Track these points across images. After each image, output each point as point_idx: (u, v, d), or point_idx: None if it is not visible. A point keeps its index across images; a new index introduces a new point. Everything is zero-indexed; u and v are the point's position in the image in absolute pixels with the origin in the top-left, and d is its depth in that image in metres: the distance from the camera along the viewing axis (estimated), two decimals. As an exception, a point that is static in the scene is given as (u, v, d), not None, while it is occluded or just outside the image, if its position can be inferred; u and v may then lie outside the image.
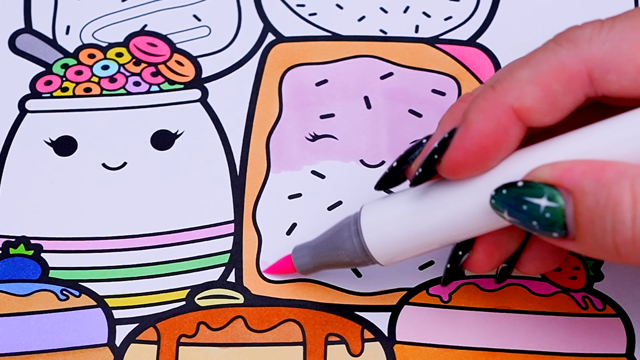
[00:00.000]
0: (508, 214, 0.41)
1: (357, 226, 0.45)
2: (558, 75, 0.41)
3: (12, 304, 0.49)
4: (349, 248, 0.45)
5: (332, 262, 0.47)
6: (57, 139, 0.53)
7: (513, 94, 0.41)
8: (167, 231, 0.51)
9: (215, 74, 0.55)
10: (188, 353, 0.47)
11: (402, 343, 0.48)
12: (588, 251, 0.40)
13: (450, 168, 0.42)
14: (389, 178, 0.45)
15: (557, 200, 0.40)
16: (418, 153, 0.44)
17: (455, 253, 0.45)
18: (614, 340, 0.48)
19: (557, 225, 0.40)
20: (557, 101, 0.41)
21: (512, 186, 0.41)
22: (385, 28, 0.56)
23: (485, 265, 0.45)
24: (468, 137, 0.41)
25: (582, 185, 0.39)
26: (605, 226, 0.39)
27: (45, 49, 0.56)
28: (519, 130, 0.42)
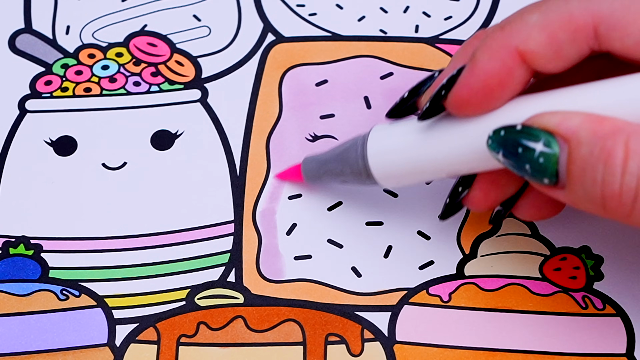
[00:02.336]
0: (503, 156, 0.42)
1: (363, 149, 0.47)
2: (565, 24, 0.42)
3: (12, 304, 0.49)
4: (354, 167, 0.47)
5: (336, 175, 0.49)
6: (57, 139, 0.53)
7: (520, 37, 0.42)
8: (167, 231, 0.51)
9: (215, 74, 0.55)
10: (188, 353, 0.47)
11: (402, 343, 0.48)
12: (575, 201, 0.41)
13: (455, 104, 0.43)
14: (399, 108, 0.47)
15: (553, 147, 0.41)
16: (429, 85, 0.46)
17: (455, 189, 0.47)
18: (614, 340, 0.48)
19: (549, 172, 0.41)
20: (561, 49, 0.42)
21: (511, 129, 0.42)
22: (385, 28, 0.56)
23: (483, 203, 0.47)
24: (474, 76, 0.43)
25: (579, 135, 0.40)
26: (595, 177, 0.40)
27: (45, 49, 0.56)
28: (524, 72, 0.43)
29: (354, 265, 0.50)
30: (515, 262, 0.50)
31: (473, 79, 0.43)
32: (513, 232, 0.51)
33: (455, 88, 0.43)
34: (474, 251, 0.50)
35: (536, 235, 0.50)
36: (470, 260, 0.50)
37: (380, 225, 0.51)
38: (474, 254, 0.50)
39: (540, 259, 0.50)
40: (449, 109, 0.44)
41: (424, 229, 0.51)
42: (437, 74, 0.46)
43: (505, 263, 0.50)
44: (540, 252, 0.50)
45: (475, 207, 0.47)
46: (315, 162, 0.50)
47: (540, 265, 0.50)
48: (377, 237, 0.50)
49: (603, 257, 0.50)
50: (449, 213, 0.48)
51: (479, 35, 0.46)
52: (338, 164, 0.48)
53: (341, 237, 0.51)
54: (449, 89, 0.43)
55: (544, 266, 0.50)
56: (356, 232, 0.51)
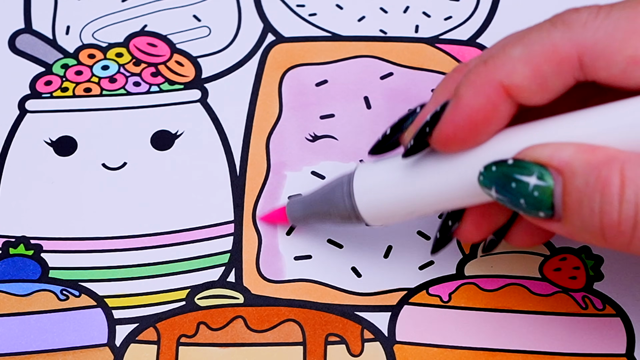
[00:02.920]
0: (495, 192, 0.41)
1: (349, 187, 0.46)
2: (549, 56, 0.41)
3: (12, 304, 0.49)
4: (341, 207, 0.47)
5: (322, 216, 0.48)
6: (57, 139, 0.53)
7: (504, 71, 0.42)
8: (167, 231, 0.51)
9: (215, 74, 0.55)
10: (188, 353, 0.47)
11: (402, 343, 0.48)
12: (573, 233, 0.41)
13: (441, 141, 0.43)
14: (382, 145, 0.46)
15: (547, 180, 0.40)
16: (411, 121, 0.45)
17: (445, 223, 0.46)
18: (614, 340, 0.48)
19: (545, 205, 0.40)
20: (546, 82, 0.41)
21: (502, 164, 0.41)
22: (385, 28, 0.56)
23: (474, 235, 0.46)
24: (458, 112, 0.42)
25: (572, 166, 0.40)
26: (593, 207, 0.39)
27: (45, 49, 0.56)
28: (509, 107, 0.42)
29: (354, 265, 0.50)
30: (515, 262, 0.50)
31: (458, 115, 0.42)
32: (513, 232, 0.51)
33: (439, 125, 0.42)
34: (474, 251, 0.50)
35: (536, 235, 0.50)
36: (470, 260, 0.50)
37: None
38: (474, 254, 0.50)
39: (540, 259, 0.50)
40: (434, 145, 0.43)
41: (424, 229, 0.51)
42: (419, 109, 0.45)
43: (505, 263, 0.50)
44: (540, 252, 0.50)
45: (467, 240, 0.46)
46: (300, 204, 0.49)
47: (540, 265, 0.50)
48: (377, 237, 0.50)
49: (603, 257, 0.50)
50: (440, 247, 0.47)
51: (459, 69, 0.45)
52: (324, 205, 0.47)
53: (341, 237, 0.50)
54: (433, 126, 0.43)
55: (544, 266, 0.50)
56: (356, 232, 0.51)
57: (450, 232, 0.46)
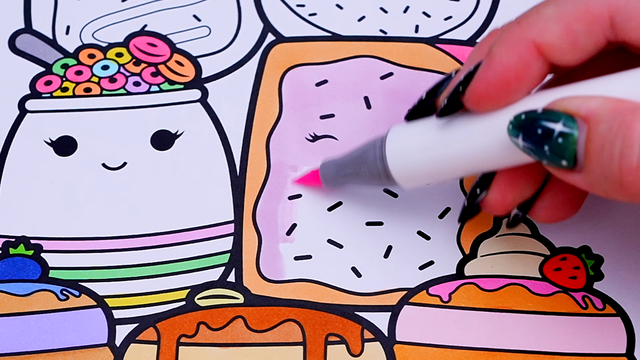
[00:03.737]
0: (522, 140, 0.41)
1: (382, 150, 0.47)
2: (581, 15, 0.42)
3: (12, 304, 0.49)
4: (373, 169, 0.47)
5: (355, 177, 0.49)
6: (57, 139, 0.53)
7: (536, 29, 0.42)
8: (167, 231, 0.51)
9: (215, 74, 0.55)
10: (188, 353, 0.47)
11: (402, 343, 0.48)
12: (592, 183, 0.41)
13: (473, 100, 0.43)
14: (418, 109, 0.47)
15: (572, 127, 0.40)
16: (446, 86, 0.46)
17: (473, 191, 0.47)
18: (614, 340, 0.48)
19: (568, 153, 0.41)
20: (578, 41, 0.42)
21: (531, 112, 0.42)
22: (385, 28, 0.57)
23: (500, 205, 0.46)
24: (491, 70, 0.43)
25: (598, 114, 0.40)
26: (613, 152, 0.39)
27: (45, 49, 0.56)
28: (541, 65, 0.43)
29: (354, 265, 0.50)
30: (515, 262, 0.50)
31: (490, 73, 0.43)
32: (513, 232, 0.51)
33: (472, 83, 0.43)
34: (474, 251, 0.50)
35: (536, 235, 0.50)
36: (470, 260, 0.50)
37: (380, 225, 0.51)
38: (474, 254, 0.50)
39: (540, 259, 0.50)
40: (467, 104, 0.44)
41: (424, 229, 0.51)
42: (454, 73, 0.46)
43: (505, 263, 0.50)
44: (540, 252, 0.50)
45: (493, 210, 0.47)
46: (333, 166, 0.50)
47: (540, 265, 0.50)
48: (377, 237, 0.50)
49: (603, 257, 0.50)
50: (467, 216, 0.48)
51: (494, 33, 0.46)
52: (356, 166, 0.48)
53: (341, 237, 0.51)
54: (466, 85, 0.44)
55: (544, 266, 0.50)
56: (356, 232, 0.51)
57: (477, 201, 0.47)
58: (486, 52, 0.44)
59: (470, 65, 0.45)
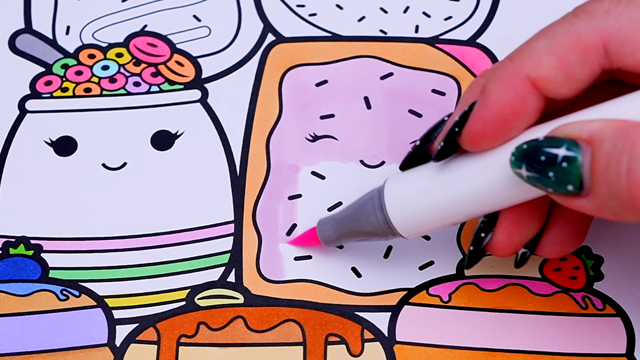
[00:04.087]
0: (525, 170, 0.41)
1: (380, 200, 0.46)
2: (574, 45, 0.41)
3: (12, 304, 0.49)
4: (373, 221, 0.46)
5: (355, 234, 0.47)
6: (57, 139, 0.53)
7: (530, 64, 0.42)
8: (167, 231, 0.51)
9: (215, 74, 0.55)
10: (188, 353, 0.47)
11: (402, 343, 0.48)
12: (601, 204, 0.40)
13: (471, 139, 0.43)
14: (412, 157, 0.46)
15: (575, 151, 0.40)
16: (440, 130, 0.45)
17: (477, 235, 0.46)
18: (614, 340, 0.48)
19: (573, 177, 0.40)
20: (573, 72, 0.42)
21: (533, 141, 0.41)
22: (385, 28, 0.57)
23: (507, 247, 0.46)
24: (487, 108, 0.42)
25: (601, 134, 0.40)
26: (620, 168, 0.39)
27: (45, 49, 0.56)
28: (537, 100, 0.42)
29: (354, 265, 0.50)
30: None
31: (486, 111, 0.42)
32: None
33: (468, 123, 0.43)
34: (474, 251, 0.50)
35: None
36: (470, 261, 0.50)
37: (380, 225, 0.51)
38: (474, 254, 0.50)
39: (540, 259, 0.50)
40: (464, 145, 0.43)
41: (424, 229, 0.51)
42: (446, 118, 0.45)
43: (505, 263, 0.50)
44: (540, 252, 0.50)
45: (500, 253, 0.46)
46: (331, 223, 0.48)
47: (540, 265, 0.50)
48: (377, 237, 0.50)
49: (603, 257, 0.50)
50: (473, 261, 0.46)
51: (484, 73, 0.46)
52: (355, 221, 0.47)
53: (341, 237, 0.51)
54: (462, 126, 0.43)
55: (544, 266, 0.50)
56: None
57: (483, 245, 0.46)
58: (479, 92, 0.43)
59: (464, 106, 0.44)
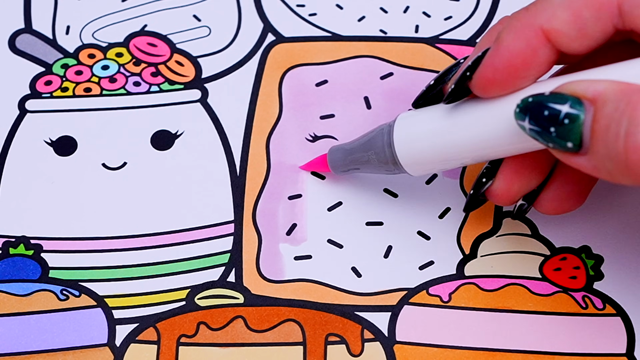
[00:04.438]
0: (528, 122, 0.41)
1: (390, 137, 0.47)
2: (589, 2, 0.42)
3: (12, 304, 0.49)
4: (381, 156, 0.47)
5: (362, 163, 0.49)
6: (57, 139, 0.53)
7: (544, 16, 0.42)
8: (167, 231, 0.51)
9: (215, 74, 0.55)
10: (188, 353, 0.47)
11: (402, 343, 0.48)
12: (597, 164, 0.40)
13: (480, 85, 0.44)
14: (425, 96, 0.47)
15: (578, 108, 0.40)
16: (454, 72, 0.46)
17: (479, 180, 0.47)
18: (614, 340, 0.48)
19: (574, 135, 0.40)
20: (586, 27, 0.42)
21: (538, 95, 0.41)
22: (385, 28, 0.56)
23: (505, 195, 0.46)
24: (498, 56, 0.43)
25: (605, 95, 0.40)
26: (619, 131, 0.39)
27: (45, 49, 0.56)
28: (549, 52, 0.43)
29: (354, 265, 0.50)
30: (515, 262, 0.50)
31: (498, 58, 0.43)
32: (513, 232, 0.51)
33: (480, 69, 0.43)
34: (474, 251, 0.50)
35: (536, 235, 0.50)
36: (470, 260, 0.50)
37: (380, 225, 0.51)
38: (474, 254, 0.50)
39: (540, 259, 0.50)
40: (475, 90, 0.44)
41: (424, 229, 0.51)
42: (462, 60, 0.46)
43: (505, 263, 0.50)
44: (540, 252, 0.50)
45: (499, 200, 0.47)
46: (341, 152, 0.50)
47: (540, 265, 0.50)
48: (377, 237, 0.50)
49: (603, 257, 0.50)
50: (473, 206, 0.48)
51: (503, 20, 0.46)
52: (365, 152, 0.48)
53: (341, 237, 0.51)
54: (474, 70, 0.44)
55: (544, 266, 0.50)
56: (356, 232, 0.51)
57: (483, 190, 0.47)
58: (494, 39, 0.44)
59: (478, 52, 0.45)
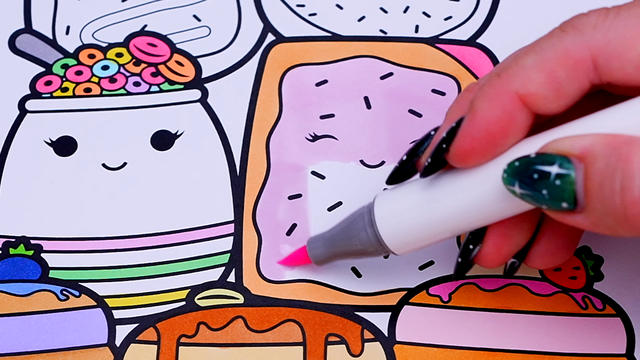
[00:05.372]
0: (519, 187, 0.41)
1: (370, 216, 0.45)
2: (563, 61, 0.41)
3: (12, 304, 0.49)
4: (364, 238, 0.46)
5: (346, 252, 0.47)
6: (57, 139, 0.53)
7: (518, 80, 0.41)
8: (167, 231, 0.51)
9: (215, 74, 0.55)
10: (188, 353, 0.47)
11: (402, 343, 0.48)
12: (596, 222, 0.40)
13: (459, 156, 0.42)
14: (399, 172, 0.45)
15: (568, 168, 0.40)
16: (427, 145, 0.45)
17: (466, 247, 0.45)
18: (614, 340, 0.48)
19: (567, 195, 0.40)
20: (562, 87, 0.41)
21: (524, 158, 0.41)
22: (385, 28, 0.57)
23: (495, 258, 0.45)
24: (475, 125, 0.42)
25: (594, 151, 0.39)
26: (613, 186, 0.38)
27: (45, 49, 0.56)
28: (526, 116, 0.42)
29: (354, 266, 0.50)
30: (515, 262, 0.50)
31: (474, 128, 0.42)
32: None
33: (457, 140, 0.42)
34: (474, 251, 0.50)
35: (536, 236, 0.50)
36: (470, 261, 0.50)
37: (380, 225, 0.51)
38: (474, 254, 0.50)
39: (540, 259, 0.50)
40: (452, 161, 0.43)
41: (424, 229, 0.51)
42: (433, 132, 0.45)
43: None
44: (540, 252, 0.50)
45: (488, 264, 0.45)
46: (322, 242, 0.48)
47: (540, 265, 0.50)
48: (377, 237, 0.50)
49: (603, 257, 0.50)
50: (462, 273, 0.46)
51: (471, 87, 0.45)
52: (346, 239, 0.46)
53: (341, 237, 0.50)
54: (449, 142, 0.42)
55: (544, 266, 0.50)
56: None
57: (471, 257, 0.45)
58: (466, 108, 0.43)
59: (451, 122, 0.43)
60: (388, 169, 0.52)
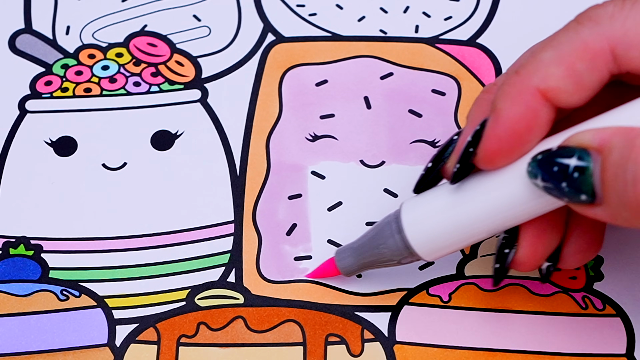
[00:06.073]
0: (541, 180, 0.41)
1: (398, 223, 0.45)
2: (581, 53, 0.41)
3: (12, 304, 0.49)
4: (392, 245, 0.45)
5: (375, 261, 0.47)
6: (57, 139, 0.53)
7: (538, 76, 0.41)
8: (167, 231, 0.51)
9: (215, 74, 0.55)
10: (188, 353, 0.47)
11: (402, 343, 0.48)
12: (614, 214, 0.40)
13: (487, 158, 0.42)
14: (426, 179, 0.45)
15: (586, 159, 0.40)
16: (452, 150, 0.44)
17: (501, 251, 0.45)
18: (614, 340, 0.48)
19: (585, 187, 0.40)
20: (582, 80, 0.41)
21: (547, 151, 0.41)
22: (385, 28, 0.56)
23: (531, 260, 0.45)
24: (500, 125, 0.42)
25: (611, 143, 0.39)
26: (626, 178, 0.39)
27: (45, 49, 0.56)
28: (549, 111, 0.42)
29: (354, 266, 0.50)
30: (515, 262, 0.50)
31: (499, 128, 0.42)
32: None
33: (483, 142, 0.42)
34: (474, 251, 0.50)
35: (536, 236, 0.50)
36: (470, 260, 0.50)
37: (380, 225, 0.51)
38: (474, 254, 0.50)
39: (540, 259, 0.50)
40: (480, 164, 0.43)
41: (424, 229, 0.51)
42: (456, 137, 0.45)
43: (505, 263, 0.50)
44: (540, 252, 0.50)
45: (525, 267, 0.45)
46: (350, 252, 0.47)
47: (540, 265, 0.50)
48: (377, 237, 0.50)
49: (603, 257, 0.50)
50: (500, 278, 0.46)
51: (488, 89, 0.45)
52: (374, 247, 0.46)
53: (341, 237, 0.50)
54: (476, 145, 0.42)
55: (544, 266, 0.50)
56: (356, 232, 0.51)
57: (508, 261, 0.45)
58: (487, 109, 0.43)
59: (474, 125, 0.43)
60: (388, 169, 0.52)
